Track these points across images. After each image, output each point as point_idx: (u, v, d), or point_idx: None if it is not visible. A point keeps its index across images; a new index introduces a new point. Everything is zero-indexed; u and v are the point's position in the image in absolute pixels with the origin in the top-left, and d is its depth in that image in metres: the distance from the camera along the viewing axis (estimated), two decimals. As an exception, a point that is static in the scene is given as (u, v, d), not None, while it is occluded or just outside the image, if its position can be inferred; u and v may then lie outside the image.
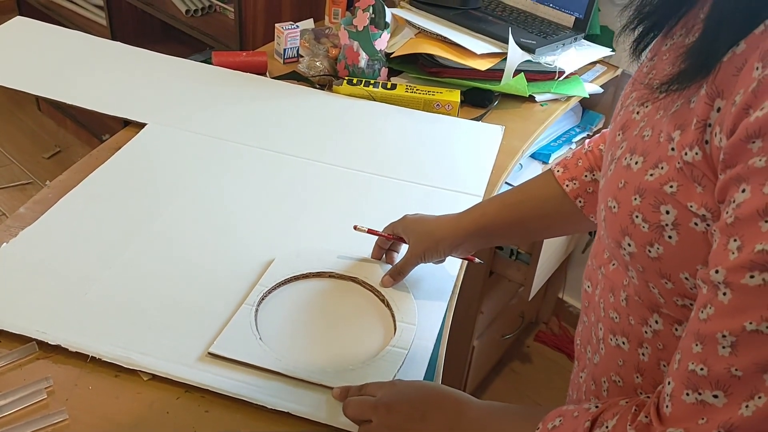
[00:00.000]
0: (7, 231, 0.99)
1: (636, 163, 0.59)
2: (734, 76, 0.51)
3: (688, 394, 0.51)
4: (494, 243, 0.90)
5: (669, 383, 0.53)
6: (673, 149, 0.56)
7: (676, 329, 0.61)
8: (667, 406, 0.53)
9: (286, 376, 0.81)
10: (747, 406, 0.48)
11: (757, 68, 0.49)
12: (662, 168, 0.56)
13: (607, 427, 0.56)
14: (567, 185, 0.86)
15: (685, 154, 0.54)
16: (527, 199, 0.90)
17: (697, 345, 0.51)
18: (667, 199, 0.56)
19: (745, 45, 0.52)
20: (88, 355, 0.81)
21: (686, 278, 0.56)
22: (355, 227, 1.00)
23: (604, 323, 0.69)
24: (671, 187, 0.55)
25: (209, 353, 0.83)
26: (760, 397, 0.47)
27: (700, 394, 0.50)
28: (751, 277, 0.47)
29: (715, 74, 0.53)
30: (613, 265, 0.66)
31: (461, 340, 1.67)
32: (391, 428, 0.73)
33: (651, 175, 0.57)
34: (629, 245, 0.60)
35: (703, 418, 0.50)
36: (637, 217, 0.58)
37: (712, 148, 0.52)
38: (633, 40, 0.69)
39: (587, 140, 0.91)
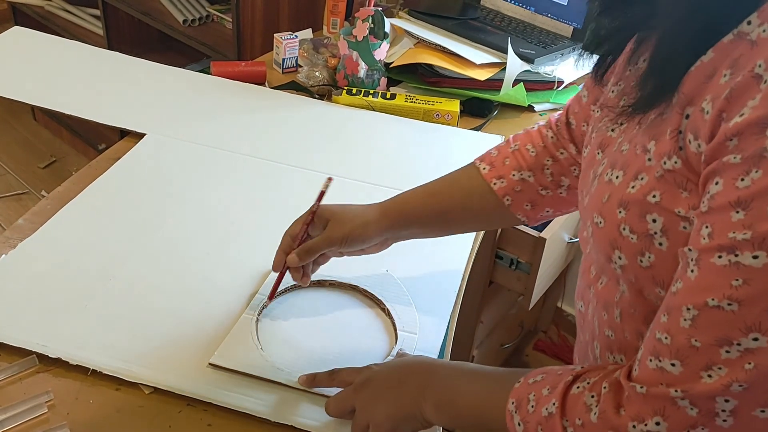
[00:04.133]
0: (6, 243, 0.98)
1: (617, 177, 0.61)
2: (703, 84, 0.54)
3: (651, 360, 0.55)
4: (416, 234, 0.90)
5: (641, 349, 0.57)
6: (649, 159, 0.58)
7: None
8: (635, 369, 0.57)
9: (288, 386, 0.81)
10: (710, 376, 0.51)
11: (725, 75, 0.52)
12: (642, 179, 0.58)
13: (588, 382, 0.60)
14: (495, 183, 0.87)
15: (665, 163, 0.56)
16: (452, 191, 0.90)
17: (664, 315, 0.54)
18: (652, 209, 0.57)
19: (713, 54, 0.54)
20: (89, 369, 0.80)
21: None
22: (329, 179, 0.93)
23: (600, 341, 0.69)
24: (654, 197, 0.57)
25: (210, 364, 0.83)
26: (720, 368, 0.50)
27: (660, 361, 0.54)
28: (719, 257, 0.50)
29: (683, 85, 0.55)
30: (602, 282, 0.67)
31: (461, 349, 1.66)
32: (371, 401, 0.74)
33: (633, 187, 0.59)
34: (620, 258, 0.61)
35: (662, 384, 0.53)
36: (624, 229, 0.59)
37: (689, 153, 0.54)
38: (594, 64, 0.71)
39: (511, 137, 0.91)
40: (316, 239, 0.86)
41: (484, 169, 0.88)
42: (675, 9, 0.55)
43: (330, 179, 0.89)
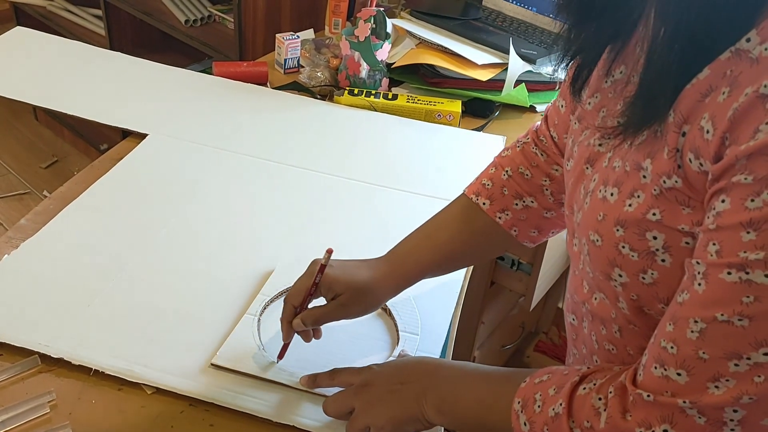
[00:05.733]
0: (8, 243, 0.98)
1: (611, 194, 0.61)
2: (699, 102, 0.53)
3: (656, 368, 0.55)
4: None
5: (645, 355, 0.57)
6: (645, 177, 0.57)
7: None
8: (640, 374, 0.57)
9: (290, 386, 0.81)
10: (717, 387, 0.51)
11: (724, 93, 0.51)
12: (639, 197, 0.58)
13: (594, 383, 0.60)
14: (500, 217, 0.85)
15: (664, 182, 0.56)
16: (457, 236, 0.86)
17: (670, 325, 0.54)
18: (652, 226, 0.57)
19: (709, 71, 0.53)
20: (91, 369, 0.81)
21: None
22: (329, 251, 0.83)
23: (600, 355, 0.69)
24: (654, 214, 0.57)
25: (212, 364, 0.83)
26: (728, 380, 0.50)
27: (665, 369, 0.54)
28: (728, 273, 0.50)
29: (679, 103, 0.55)
30: (596, 299, 0.67)
31: (462, 350, 1.66)
32: (372, 403, 0.74)
33: (629, 205, 0.58)
34: (620, 276, 0.60)
35: (667, 392, 0.54)
36: (623, 247, 0.59)
37: (689, 172, 0.54)
38: (570, 79, 0.70)
39: (497, 160, 0.88)
40: (329, 310, 0.82)
41: (484, 204, 0.85)
42: (663, 28, 0.54)
43: (330, 251, 0.82)
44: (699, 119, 0.53)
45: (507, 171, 0.85)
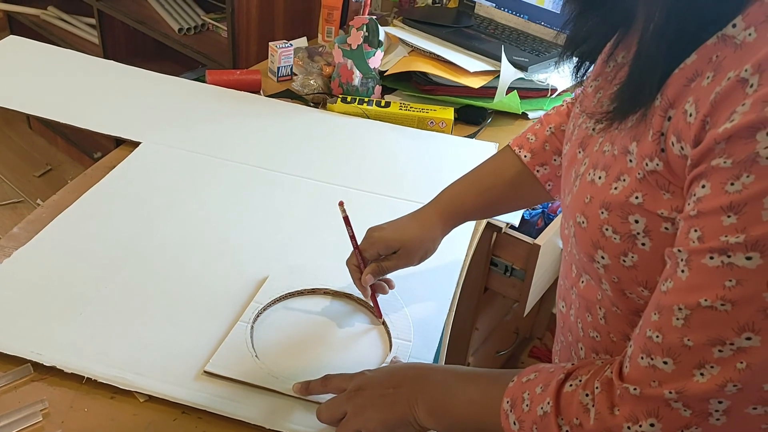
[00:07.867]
0: (1, 251, 0.98)
1: (599, 178, 0.62)
2: (686, 87, 0.54)
3: (642, 358, 0.55)
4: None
5: (630, 346, 0.57)
6: (631, 161, 0.58)
7: None
8: (626, 366, 0.57)
9: (283, 393, 0.81)
10: (702, 374, 0.51)
11: (708, 77, 0.52)
12: (624, 180, 0.59)
13: (580, 380, 0.60)
14: (538, 171, 0.90)
15: (646, 164, 0.57)
16: (500, 184, 0.94)
17: (655, 314, 0.55)
18: (634, 210, 0.58)
19: (696, 56, 0.54)
20: (84, 377, 0.80)
21: None
22: (341, 203, 0.93)
23: (585, 343, 0.69)
24: (637, 198, 0.57)
25: (205, 372, 0.83)
26: (712, 367, 0.51)
27: (652, 359, 0.54)
28: (711, 258, 0.50)
29: (666, 88, 0.56)
30: (583, 282, 0.67)
31: (456, 356, 1.66)
32: (364, 407, 0.74)
33: (615, 188, 0.59)
34: (603, 258, 0.61)
35: (654, 381, 0.54)
36: (607, 230, 0.60)
37: (671, 156, 0.55)
38: (573, 66, 0.72)
39: (543, 117, 0.93)
40: (391, 262, 0.91)
41: (525, 156, 0.91)
42: (655, 16, 0.55)
43: (341, 202, 0.92)
44: (684, 103, 0.54)
45: (550, 128, 0.90)
